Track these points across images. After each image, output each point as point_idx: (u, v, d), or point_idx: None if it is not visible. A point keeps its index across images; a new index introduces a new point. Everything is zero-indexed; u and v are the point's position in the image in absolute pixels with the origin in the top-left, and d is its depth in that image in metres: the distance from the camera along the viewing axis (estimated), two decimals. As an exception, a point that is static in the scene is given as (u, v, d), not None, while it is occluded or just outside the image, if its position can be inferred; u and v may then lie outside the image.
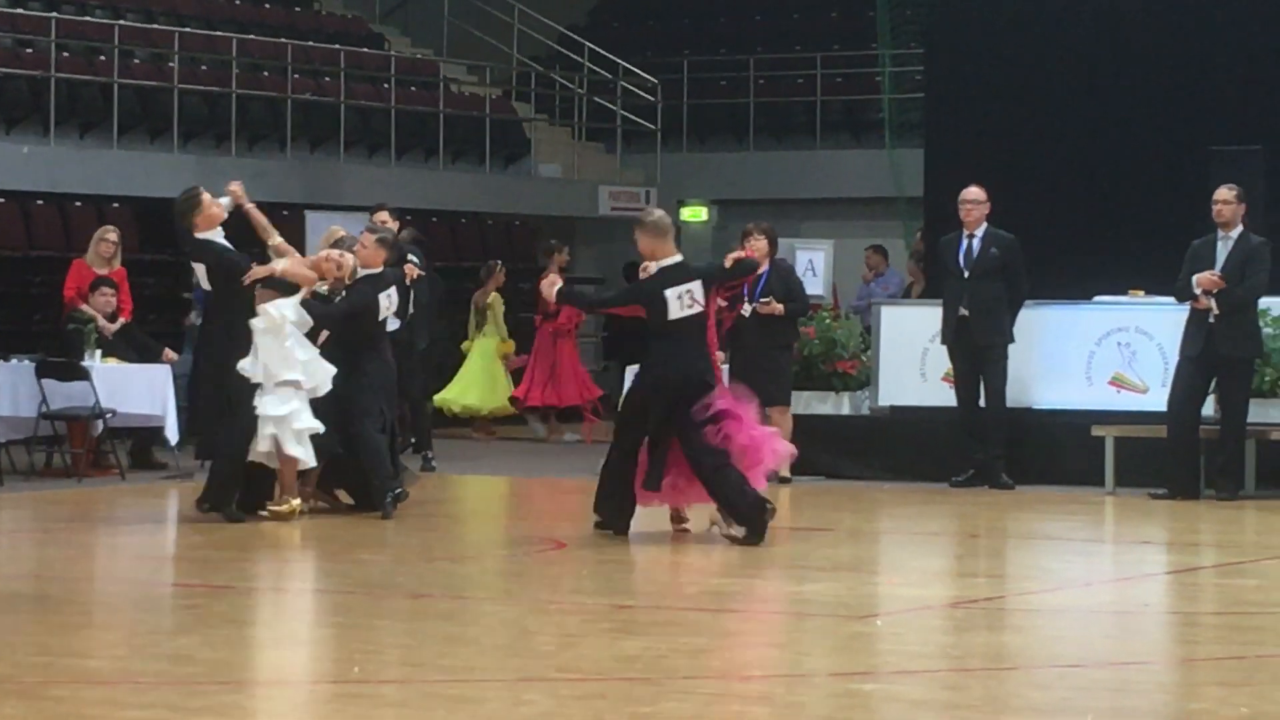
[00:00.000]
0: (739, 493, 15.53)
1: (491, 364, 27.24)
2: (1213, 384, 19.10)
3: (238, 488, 17.25)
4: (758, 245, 21.02)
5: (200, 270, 17.91)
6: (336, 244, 18.23)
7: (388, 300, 18.25)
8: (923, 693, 10.19)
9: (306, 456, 17.44)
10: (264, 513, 17.35)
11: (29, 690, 9.73)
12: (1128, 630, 12.54)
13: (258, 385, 17.21)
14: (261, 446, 17.16)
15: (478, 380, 27.22)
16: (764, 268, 20.77)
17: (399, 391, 19.52)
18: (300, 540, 16.69)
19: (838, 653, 11.38)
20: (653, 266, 16.05)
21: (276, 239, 18.05)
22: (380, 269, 18.20)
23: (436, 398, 26.26)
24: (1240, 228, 19.09)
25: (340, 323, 18.24)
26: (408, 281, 20.47)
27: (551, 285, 17.64)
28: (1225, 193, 19.20)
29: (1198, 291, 18.79)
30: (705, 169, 34.24)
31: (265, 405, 17.14)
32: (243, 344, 17.29)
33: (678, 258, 15.74)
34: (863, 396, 21.77)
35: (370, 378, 18.45)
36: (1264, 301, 19.48)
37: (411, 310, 20.52)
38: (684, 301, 15.23)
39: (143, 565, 16.18)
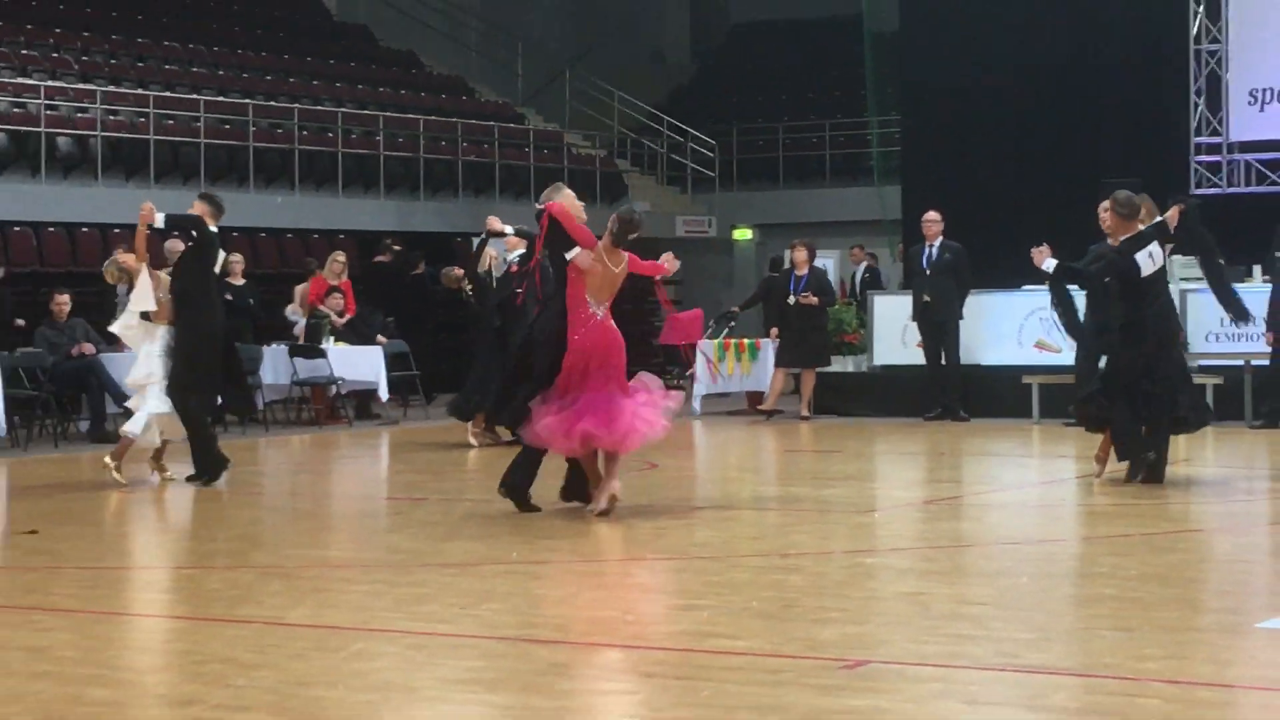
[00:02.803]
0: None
1: None
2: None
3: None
4: (799, 256, 21.15)
5: None
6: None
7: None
8: (908, 564, 10.22)
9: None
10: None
11: (289, 574, 9.88)
12: (1050, 518, 12.53)
13: None
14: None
15: None
16: (804, 271, 20.96)
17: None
18: (476, 466, 16.75)
19: (848, 537, 11.41)
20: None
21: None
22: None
23: None
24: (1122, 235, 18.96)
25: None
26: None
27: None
28: (1106, 205, 19.09)
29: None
30: (749, 203, 34.22)
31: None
32: None
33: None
34: (862, 359, 21.79)
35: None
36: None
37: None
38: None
39: (364, 485, 16.33)
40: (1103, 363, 19.03)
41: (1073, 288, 14.32)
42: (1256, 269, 19.70)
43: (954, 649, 7.36)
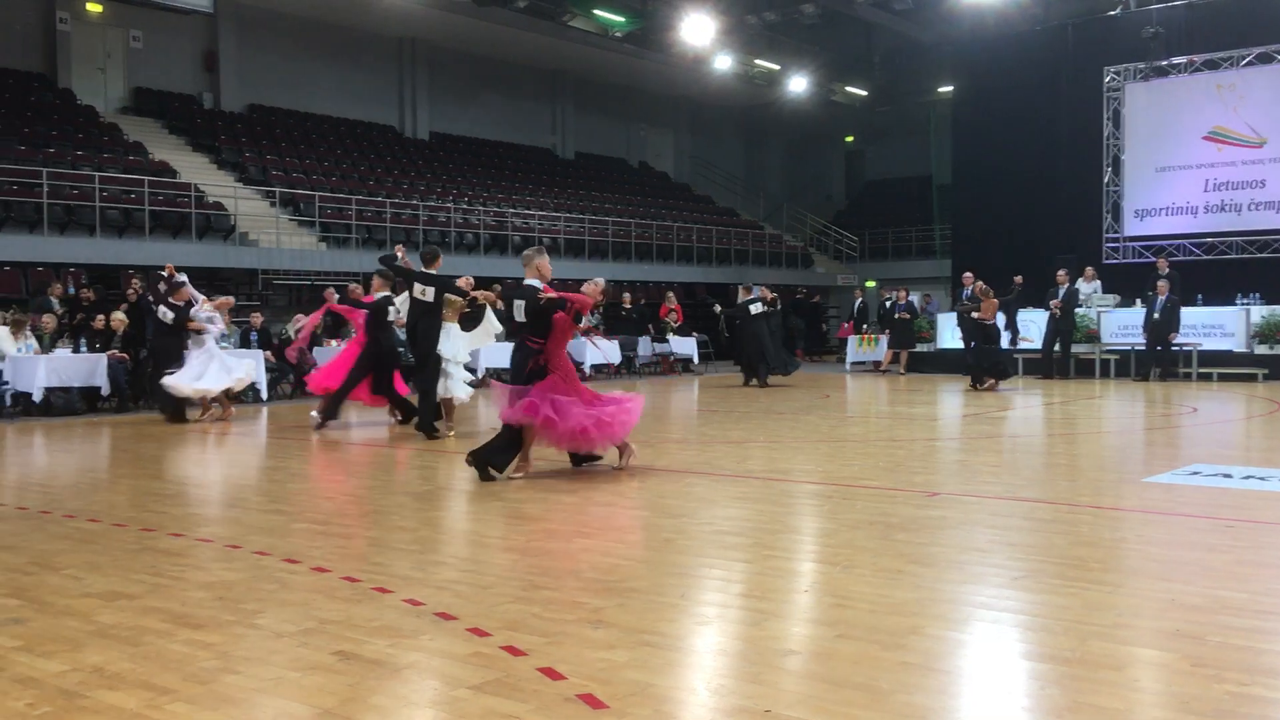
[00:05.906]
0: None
1: None
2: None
3: None
4: (900, 294, 20.68)
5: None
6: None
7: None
8: (956, 445, 9.74)
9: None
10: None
11: (649, 445, 9.92)
12: (1040, 420, 11.94)
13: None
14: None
15: None
16: (903, 301, 20.48)
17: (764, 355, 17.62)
18: (736, 394, 16.39)
19: (924, 431, 10.87)
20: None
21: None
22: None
23: None
24: (1066, 285, 17.99)
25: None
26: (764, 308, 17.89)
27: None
28: (1060, 271, 18.16)
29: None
30: (873, 269, 33.39)
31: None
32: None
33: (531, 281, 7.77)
34: (932, 345, 20.82)
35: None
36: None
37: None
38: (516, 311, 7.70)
39: (689, 402, 15.46)
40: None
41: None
42: (1138, 300, 18.71)
43: (982, 488, 7.17)
